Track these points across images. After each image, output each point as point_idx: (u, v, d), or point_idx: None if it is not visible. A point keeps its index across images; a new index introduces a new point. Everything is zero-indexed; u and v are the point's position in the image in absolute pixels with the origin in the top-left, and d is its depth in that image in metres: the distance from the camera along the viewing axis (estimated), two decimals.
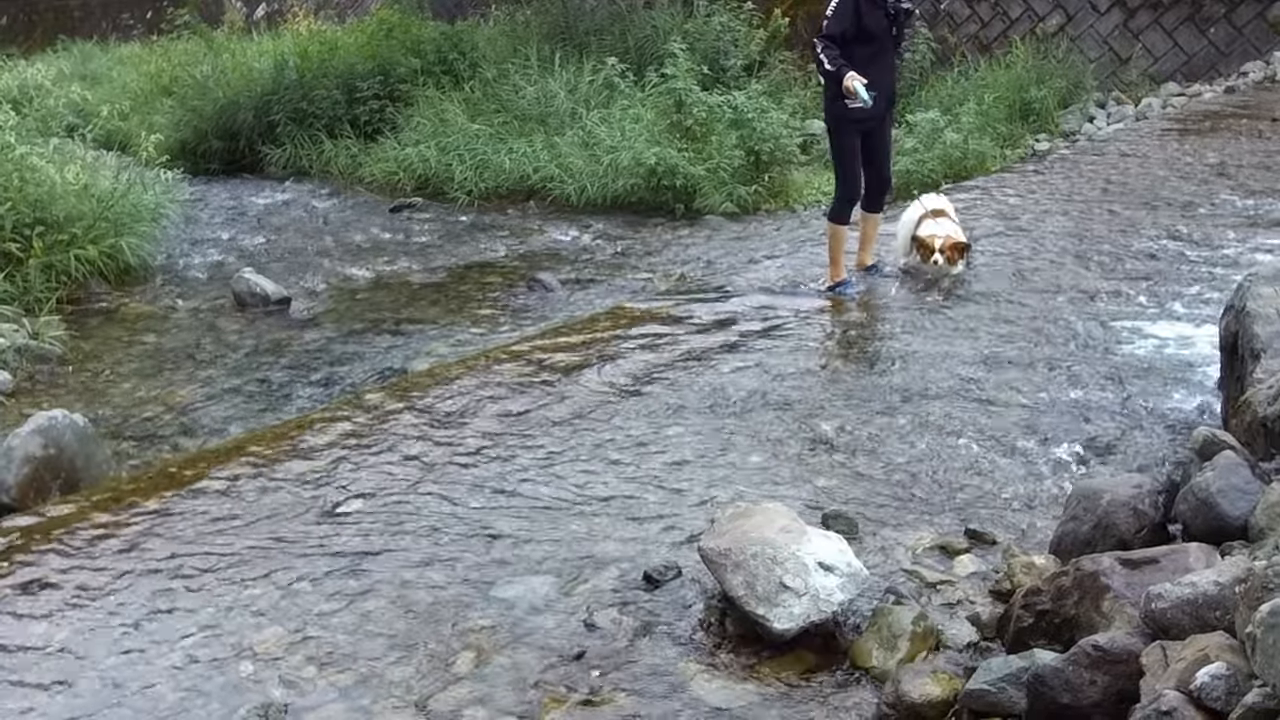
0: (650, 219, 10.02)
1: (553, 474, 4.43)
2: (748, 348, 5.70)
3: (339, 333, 7.19)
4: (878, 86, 6.13)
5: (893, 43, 6.38)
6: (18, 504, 4.63)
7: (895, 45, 6.48)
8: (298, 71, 11.64)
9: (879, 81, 6.16)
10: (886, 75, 6.35)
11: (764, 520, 3.40)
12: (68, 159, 6.96)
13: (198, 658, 3.35)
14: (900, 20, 6.31)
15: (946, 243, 6.28)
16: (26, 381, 6.11)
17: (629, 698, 3.10)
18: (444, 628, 3.47)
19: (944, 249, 6.26)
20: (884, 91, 6.27)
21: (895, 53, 6.62)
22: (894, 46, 6.46)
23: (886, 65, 6.34)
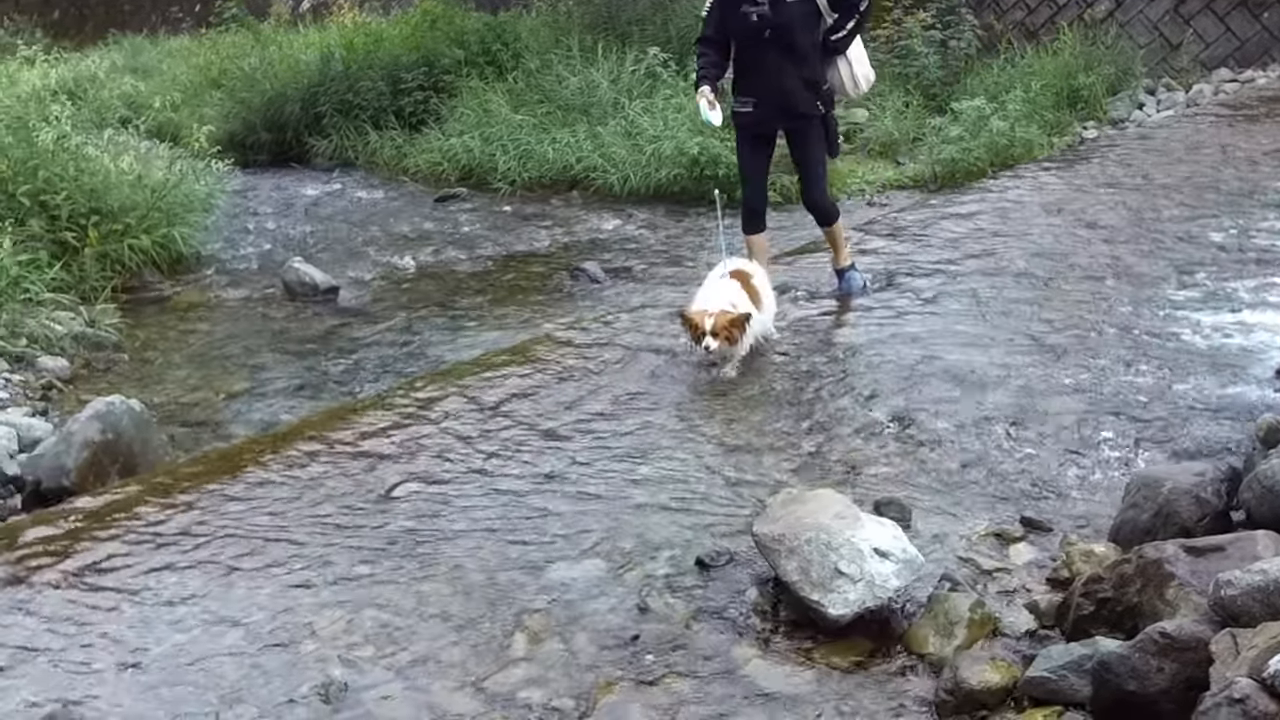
0: (693, 208, 9.99)
1: (603, 460, 4.45)
2: (796, 333, 5.69)
3: (387, 321, 7.25)
4: (757, 95, 5.66)
5: (777, 47, 5.53)
6: (77, 487, 4.72)
7: (785, 48, 5.54)
8: (343, 63, 11.73)
9: (760, 90, 5.65)
10: (772, 83, 5.63)
11: (817, 506, 3.40)
12: (122, 150, 7.08)
13: (259, 637, 3.40)
14: (776, 21, 5.48)
15: (720, 321, 4.95)
16: (83, 368, 6.22)
17: (684, 681, 3.12)
18: (498, 610, 3.50)
19: (717, 329, 4.94)
20: (768, 101, 5.66)
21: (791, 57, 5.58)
22: (783, 50, 5.54)
23: (770, 72, 5.59)
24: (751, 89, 5.72)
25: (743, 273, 5.36)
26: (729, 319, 4.98)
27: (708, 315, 4.97)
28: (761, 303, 5.30)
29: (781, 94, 5.66)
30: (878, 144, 10.89)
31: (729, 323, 4.97)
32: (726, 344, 5.00)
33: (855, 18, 5.73)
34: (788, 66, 5.60)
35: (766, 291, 5.42)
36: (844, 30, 5.72)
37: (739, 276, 5.29)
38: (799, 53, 5.60)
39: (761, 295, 5.33)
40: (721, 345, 4.98)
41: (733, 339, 5.00)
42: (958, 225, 7.61)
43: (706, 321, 4.96)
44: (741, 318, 5.03)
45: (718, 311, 4.98)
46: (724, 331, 4.95)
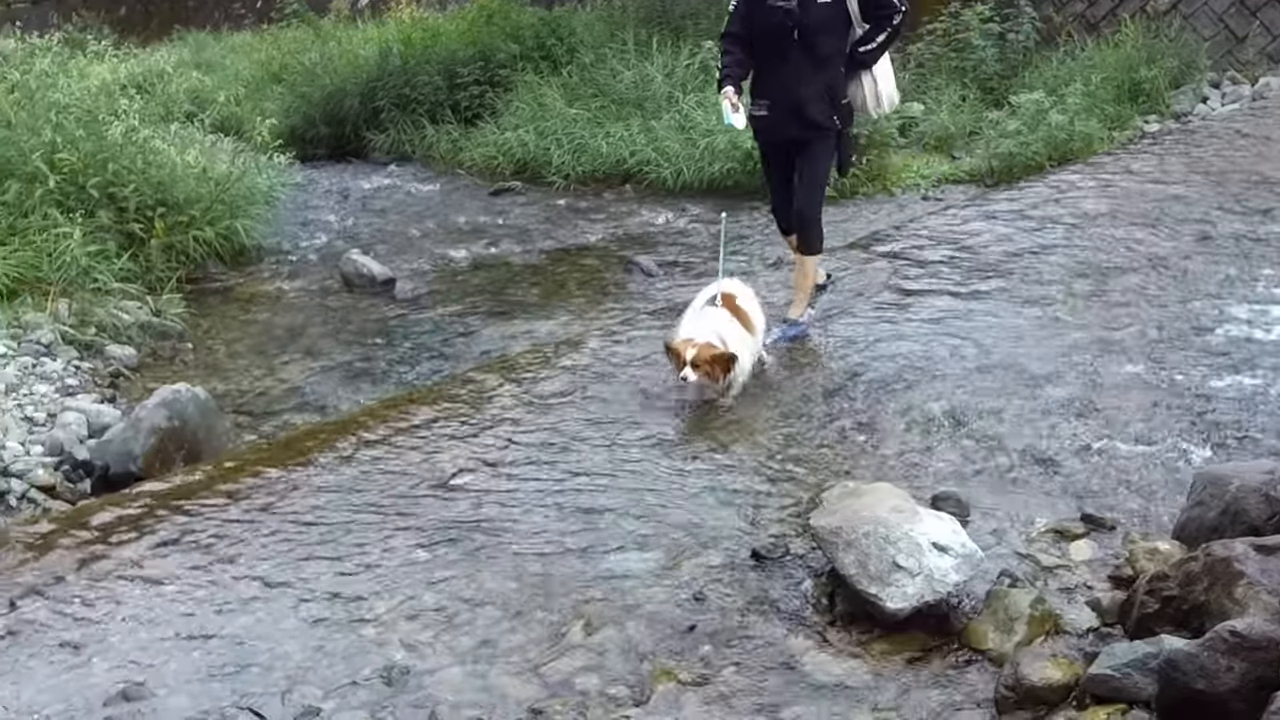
0: (746, 202, 9.96)
1: (657, 452, 4.48)
2: (848, 328, 5.66)
3: (442, 312, 7.33)
4: (772, 98, 5.31)
5: (801, 48, 5.19)
6: (144, 473, 4.84)
7: (809, 52, 5.21)
8: (401, 58, 11.86)
9: (776, 94, 5.30)
10: (789, 88, 5.27)
11: (874, 499, 3.40)
12: (187, 143, 7.24)
13: (322, 620, 3.47)
14: (803, 22, 5.15)
15: (702, 353, 4.67)
16: (149, 357, 6.36)
17: (740, 672, 3.13)
18: (555, 598, 3.54)
19: (697, 362, 4.66)
20: (782, 106, 5.30)
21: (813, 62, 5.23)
22: (806, 53, 5.21)
23: (789, 76, 5.25)
24: (767, 92, 5.38)
25: (730, 296, 5.01)
26: (712, 354, 4.67)
27: (690, 345, 4.69)
28: (753, 326, 4.99)
29: (797, 100, 5.29)
30: (933, 138, 10.78)
31: (711, 358, 4.66)
32: (706, 378, 4.68)
33: (887, 31, 5.34)
34: (808, 72, 5.25)
35: (757, 315, 5.08)
36: (873, 43, 5.33)
37: (726, 300, 4.96)
38: (822, 58, 5.25)
39: (751, 318, 5.00)
40: (700, 379, 4.67)
41: (713, 375, 4.68)
42: (1014, 219, 7.52)
43: (688, 352, 4.68)
44: (726, 357, 4.69)
45: (702, 343, 4.69)
46: (704, 366, 4.65)
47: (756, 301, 5.17)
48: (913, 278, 6.44)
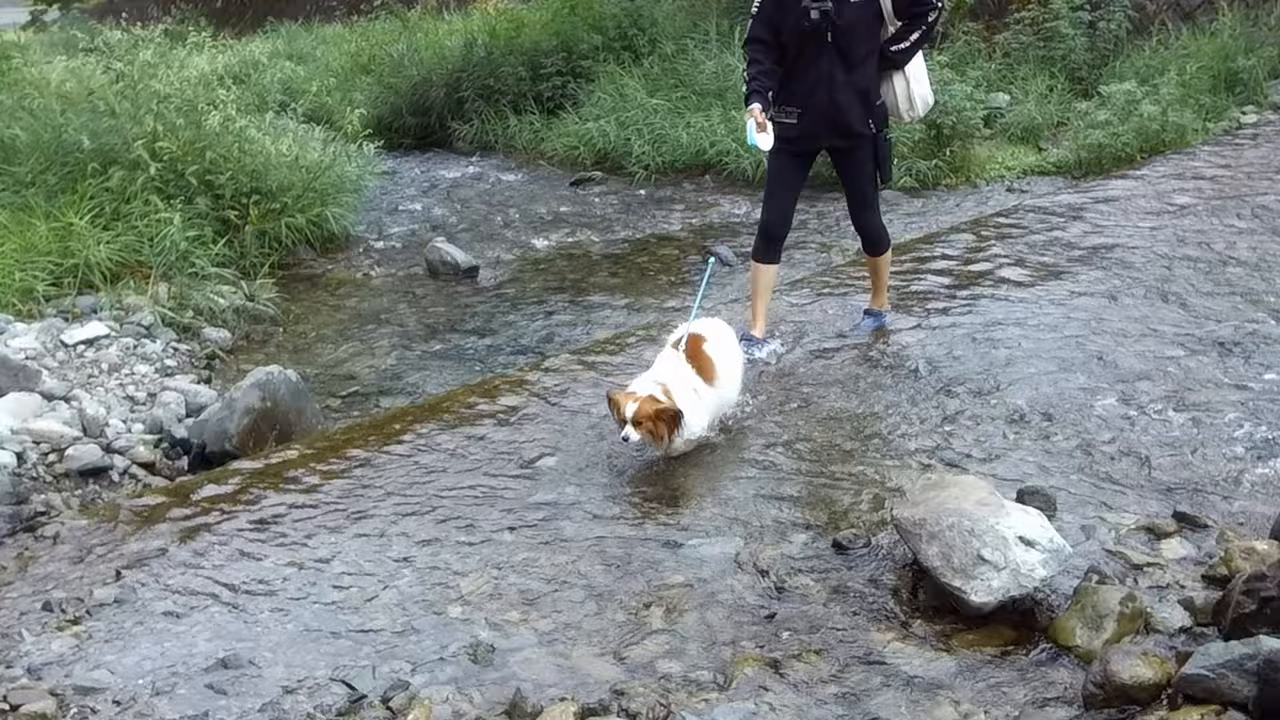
0: (825, 194, 9.85)
1: (738, 441, 4.50)
2: (934, 316, 5.61)
3: (524, 300, 7.43)
4: (804, 105, 4.99)
5: (834, 51, 4.91)
6: (238, 451, 4.99)
7: (842, 54, 4.93)
8: (486, 49, 12.00)
9: (808, 101, 4.98)
10: (822, 93, 4.96)
11: (959, 492, 3.37)
12: (281, 132, 7.43)
13: (410, 596, 3.57)
14: (838, 23, 4.85)
15: (643, 409, 4.13)
16: (243, 339, 6.56)
17: (821, 661, 3.14)
18: (636, 582, 3.58)
19: (639, 419, 4.13)
20: (816, 113, 4.99)
21: (847, 64, 4.94)
22: (840, 56, 4.93)
23: (822, 80, 4.95)
24: (798, 98, 5.01)
25: (697, 339, 4.48)
26: (655, 410, 4.13)
27: (631, 399, 4.15)
28: (715, 375, 4.42)
29: (832, 107, 4.98)
30: (1019, 129, 10.59)
31: (654, 414, 4.13)
32: (649, 437, 4.16)
33: (921, 29, 5.04)
34: (842, 75, 4.94)
35: (725, 360, 4.52)
36: (906, 42, 5.02)
37: (693, 344, 4.45)
38: (856, 61, 4.96)
39: (717, 365, 4.44)
40: (644, 437, 4.16)
41: (657, 433, 4.16)
42: (1103, 212, 7.37)
43: (628, 407, 4.13)
44: (670, 413, 4.16)
45: (644, 398, 4.15)
46: (646, 423, 4.13)
47: (731, 344, 4.63)
48: (998, 270, 6.35)
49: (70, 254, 6.10)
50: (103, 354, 5.73)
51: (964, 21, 12.33)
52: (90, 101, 7.32)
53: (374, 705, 3.06)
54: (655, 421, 4.15)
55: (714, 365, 4.44)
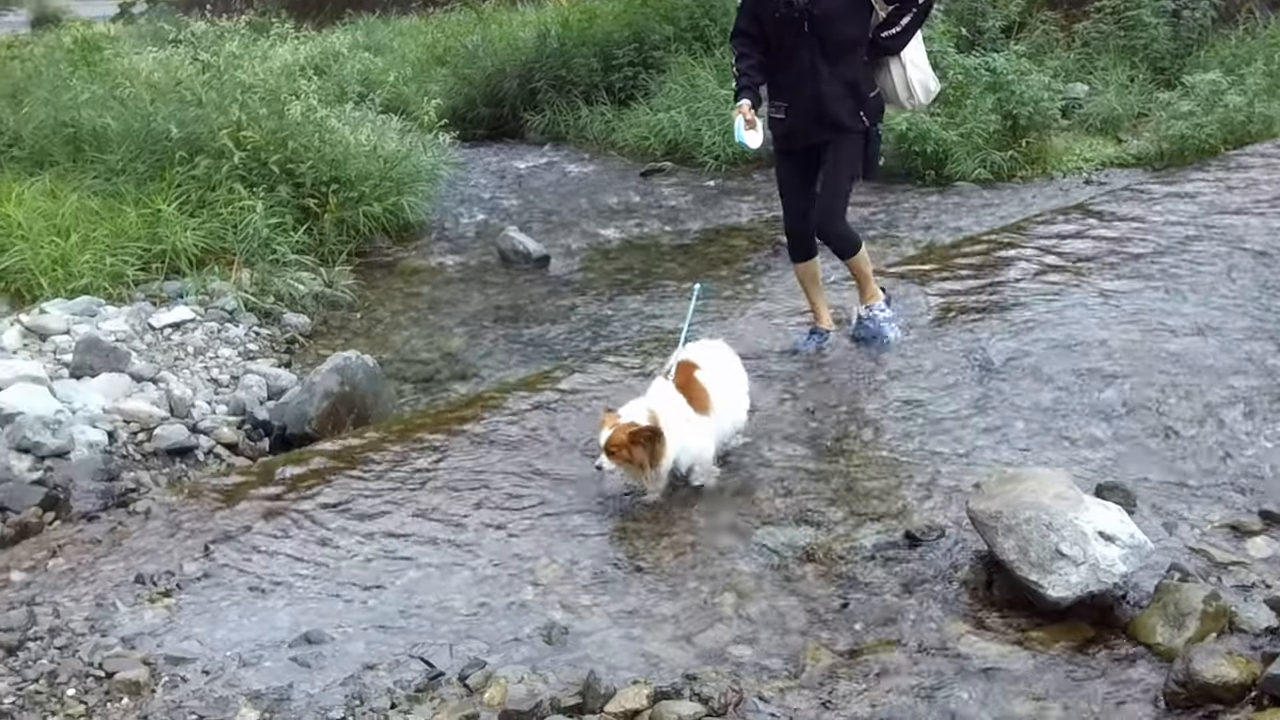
0: (897, 185, 9.81)
1: (807, 430, 4.49)
2: (1014, 308, 5.54)
3: (594, 290, 7.48)
4: (789, 100, 4.80)
5: (813, 41, 4.67)
6: (317, 434, 5.11)
7: (824, 45, 4.69)
8: (558, 40, 12.07)
9: (792, 95, 4.78)
10: (806, 87, 4.75)
11: (1037, 485, 3.33)
12: (359, 122, 7.58)
13: (485, 578, 3.64)
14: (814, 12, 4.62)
15: (616, 436, 3.81)
16: (321, 325, 6.70)
17: (894, 651, 3.14)
18: (707, 569, 3.61)
19: (612, 446, 3.82)
20: (801, 108, 4.78)
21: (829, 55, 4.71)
22: (821, 46, 4.69)
23: (804, 73, 4.73)
24: (783, 92, 4.83)
25: (688, 365, 4.13)
26: (628, 433, 3.81)
27: (607, 425, 3.87)
28: (710, 404, 4.06)
29: (817, 100, 4.75)
30: (1097, 119, 10.38)
31: (628, 439, 3.80)
32: (625, 465, 3.85)
33: (912, 12, 4.79)
34: (825, 67, 4.72)
35: (723, 387, 4.15)
36: (897, 27, 4.80)
37: (683, 371, 4.10)
38: (837, 50, 4.73)
39: (710, 394, 4.07)
40: (620, 466, 3.85)
41: (633, 459, 3.82)
42: (1185, 205, 7.20)
43: (602, 434, 3.86)
44: (646, 433, 3.82)
45: (622, 424, 3.84)
46: (620, 451, 3.81)
47: (730, 373, 4.27)
48: (1077, 262, 6.25)
49: (158, 240, 6.29)
50: (188, 337, 5.90)
51: (1041, 11, 12.10)
52: (178, 91, 7.54)
53: (451, 683, 3.13)
54: (630, 447, 3.81)
55: (706, 395, 4.06)
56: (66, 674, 3.19)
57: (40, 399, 4.82)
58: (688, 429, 3.96)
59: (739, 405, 4.25)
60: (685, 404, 4.01)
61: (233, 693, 3.10)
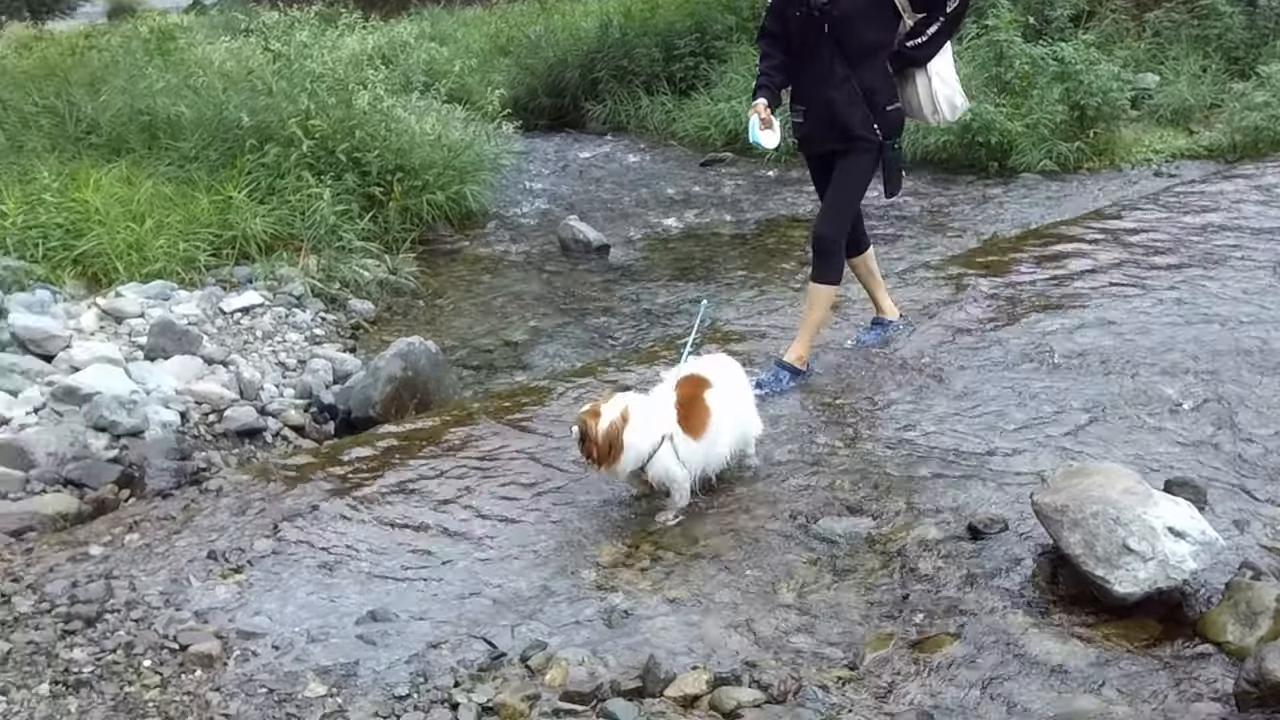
0: (960, 176, 9.72)
1: (868, 420, 4.47)
2: (1080, 302, 5.46)
3: (653, 279, 7.50)
4: (806, 104, 4.68)
5: (831, 44, 4.53)
6: (381, 417, 5.19)
7: (842, 48, 4.54)
8: (620, 30, 12.12)
9: (810, 99, 4.66)
10: (822, 91, 4.61)
11: (1104, 480, 3.29)
12: (424, 112, 7.67)
13: (547, 561, 3.68)
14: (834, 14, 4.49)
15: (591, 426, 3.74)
16: (385, 311, 6.81)
17: (956, 643, 3.12)
18: (767, 557, 3.61)
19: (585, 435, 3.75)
20: (816, 114, 4.65)
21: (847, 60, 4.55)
22: (839, 50, 4.54)
23: (821, 77, 4.59)
24: (802, 95, 4.73)
25: (696, 380, 3.92)
26: (604, 428, 3.70)
27: (579, 420, 3.78)
28: (705, 426, 3.83)
29: (830, 106, 4.61)
30: (1168, 110, 10.18)
31: (605, 434, 3.70)
32: (591, 460, 3.76)
33: (940, 21, 4.58)
34: (841, 71, 4.56)
35: (725, 408, 3.91)
36: (923, 36, 4.61)
37: (687, 387, 3.90)
38: (856, 55, 4.57)
39: (710, 416, 3.85)
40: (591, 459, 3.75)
41: (602, 457, 3.73)
42: (1259, 199, 7.04)
43: (574, 428, 3.78)
44: (609, 432, 3.70)
45: (601, 416, 3.74)
46: (591, 447, 3.73)
47: (736, 396, 4.02)
48: (1146, 256, 6.14)
49: (229, 226, 6.43)
50: (257, 322, 6.03)
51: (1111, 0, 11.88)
52: (249, 81, 7.69)
53: (513, 663, 3.17)
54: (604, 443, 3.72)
55: (705, 416, 3.85)
56: (143, 645, 3.28)
57: (116, 379, 4.96)
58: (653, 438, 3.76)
59: (740, 429, 4.00)
60: (673, 417, 3.80)
61: (301, 668, 3.17)
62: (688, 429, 3.82)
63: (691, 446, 3.82)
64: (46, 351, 5.20)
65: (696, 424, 3.83)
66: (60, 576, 3.63)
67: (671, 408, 3.84)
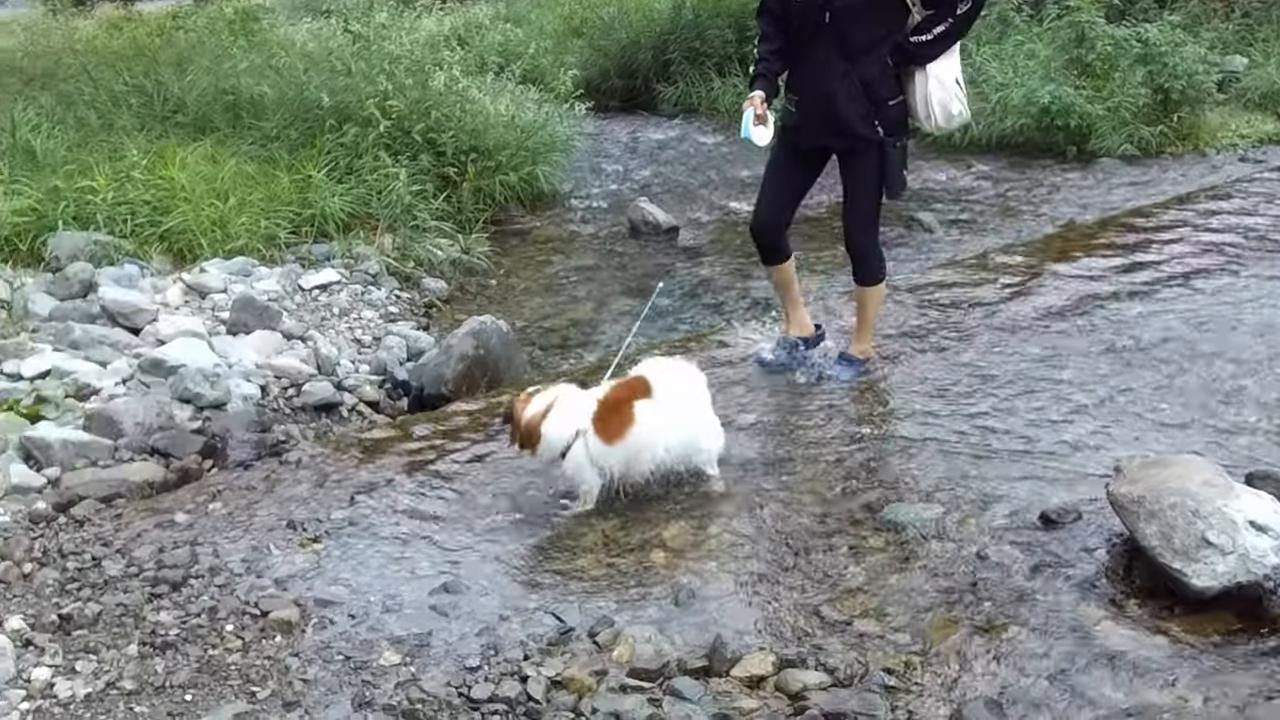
0: (1037, 160, 9.54)
1: (942, 408, 4.44)
2: (1161, 289, 5.35)
3: (721, 262, 7.49)
4: (802, 95, 4.44)
5: (832, 33, 4.28)
6: (452, 395, 5.27)
7: (843, 40, 4.29)
8: (693, 12, 12.06)
9: (806, 90, 4.42)
10: (819, 84, 4.36)
11: (1182, 471, 3.24)
12: (499, 93, 7.73)
13: (614, 539, 3.72)
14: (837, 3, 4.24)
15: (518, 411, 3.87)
16: (457, 290, 6.90)
17: (1026, 632, 3.10)
18: (835, 540, 3.61)
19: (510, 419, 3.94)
20: (812, 108, 4.40)
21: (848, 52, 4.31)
22: (840, 42, 4.29)
23: (819, 69, 4.34)
24: (798, 85, 4.47)
25: (633, 384, 3.84)
26: (528, 416, 3.79)
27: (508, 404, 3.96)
28: (623, 433, 3.74)
29: (827, 101, 4.35)
30: (1257, 94, 9.87)
31: (526, 421, 3.79)
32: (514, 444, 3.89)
33: (949, 21, 4.31)
34: (840, 65, 4.31)
35: (656, 417, 3.78)
36: (929, 34, 4.33)
37: (621, 390, 3.84)
38: (857, 48, 4.30)
39: (631, 424, 3.74)
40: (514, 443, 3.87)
41: (524, 443, 3.82)
42: None
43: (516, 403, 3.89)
44: (537, 419, 3.77)
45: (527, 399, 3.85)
46: (513, 430, 3.86)
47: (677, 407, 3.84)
48: (1230, 243, 5.99)
49: (308, 204, 6.55)
50: (334, 299, 6.15)
51: None
52: (329, 61, 7.82)
53: (581, 639, 3.21)
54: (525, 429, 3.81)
55: (631, 422, 3.75)
56: (225, 610, 3.39)
57: (200, 353, 5.11)
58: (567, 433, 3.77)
59: (682, 441, 3.85)
60: (589, 416, 3.77)
61: (376, 636, 3.26)
62: (601, 431, 3.75)
63: (604, 450, 3.76)
64: (134, 324, 5.37)
65: (613, 428, 3.74)
66: (147, 542, 3.77)
67: (592, 407, 3.79)
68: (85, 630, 3.27)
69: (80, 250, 5.79)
